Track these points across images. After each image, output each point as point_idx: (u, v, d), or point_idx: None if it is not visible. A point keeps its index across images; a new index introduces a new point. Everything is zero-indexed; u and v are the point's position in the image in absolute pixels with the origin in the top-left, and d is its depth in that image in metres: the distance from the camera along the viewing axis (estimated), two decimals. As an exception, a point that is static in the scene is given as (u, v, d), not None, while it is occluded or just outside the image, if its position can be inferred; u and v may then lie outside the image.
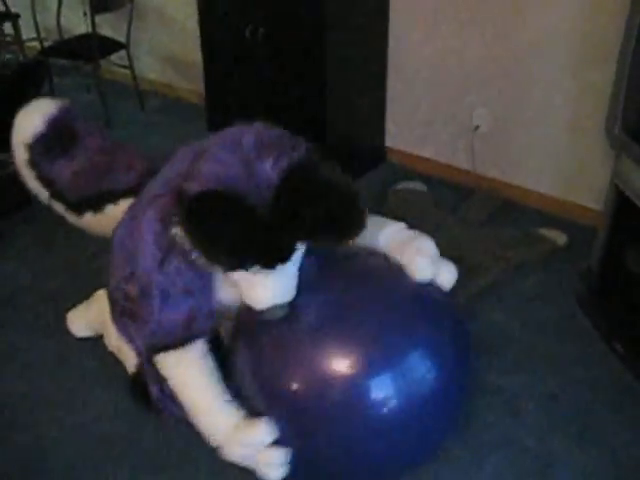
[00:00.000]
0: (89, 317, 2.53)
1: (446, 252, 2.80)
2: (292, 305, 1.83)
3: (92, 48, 4.35)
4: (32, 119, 2.32)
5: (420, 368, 1.80)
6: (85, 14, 4.80)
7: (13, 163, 2.40)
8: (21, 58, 5.04)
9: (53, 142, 2.31)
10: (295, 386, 1.79)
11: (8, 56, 5.47)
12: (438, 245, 2.04)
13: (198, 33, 3.78)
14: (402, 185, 3.45)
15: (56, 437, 2.19)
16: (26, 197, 2.62)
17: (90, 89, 5.06)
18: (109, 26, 4.78)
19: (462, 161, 3.56)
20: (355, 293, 1.86)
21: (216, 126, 3.64)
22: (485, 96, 3.33)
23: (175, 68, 4.88)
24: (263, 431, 1.81)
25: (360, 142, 3.69)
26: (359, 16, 3.33)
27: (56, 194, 2.33)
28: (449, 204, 3.33)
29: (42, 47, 4.79)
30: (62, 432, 2.20)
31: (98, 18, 4.32)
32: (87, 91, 5.07)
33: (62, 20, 4.87)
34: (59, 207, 2.35)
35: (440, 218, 3.16)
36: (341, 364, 1.74)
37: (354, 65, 3.41)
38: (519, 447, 2.09)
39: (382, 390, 1.75)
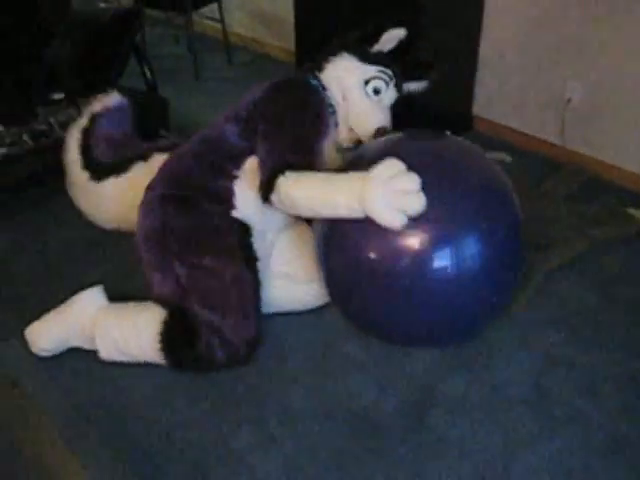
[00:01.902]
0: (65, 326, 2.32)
1: (528, 225, 2.78)
2: None
3: (186, 0, 4.39)
4: (108, 98, 2.80)
5: (479, 248, 1.96)
6: (180, -34, 4.85)
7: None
8: (115, 7, 5.13)
9: (109, 122, 2.75)
10: (374, 255, 1.97)
11: (102, 5, 5.58)
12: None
13: (291, -10, 3.78)
14: (487, 155, 3.38)
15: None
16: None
17: (179, 41, 5.13)
18: (202, -21, 4.81)
19: (550, 134, 3.48)
20: (433, 174, 1.97)
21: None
22: (579, 68, 3.23)
23: (265, 24, 4.89)
24: (393, 166, 1.90)
25: (447, 108, 3.64)
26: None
27: (87, 163, 2.61)
28: (534, 177, 3.27)
29: (136, -3, 4.87)
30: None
31: (193, -30, 4.36)
32: (176, 43, 5.14)
33: (157, -29, 4.92)
34: (82, 177, 2.59)
35: (524, 191, 3.10)
36: (413, 238, 1.92)
37: (448, 26, 3.35)
38: (591, 425, 2.06)
39: (445, 263, 1.93)
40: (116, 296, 2.45)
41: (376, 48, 2.42)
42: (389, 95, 2.44)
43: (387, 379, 2.22)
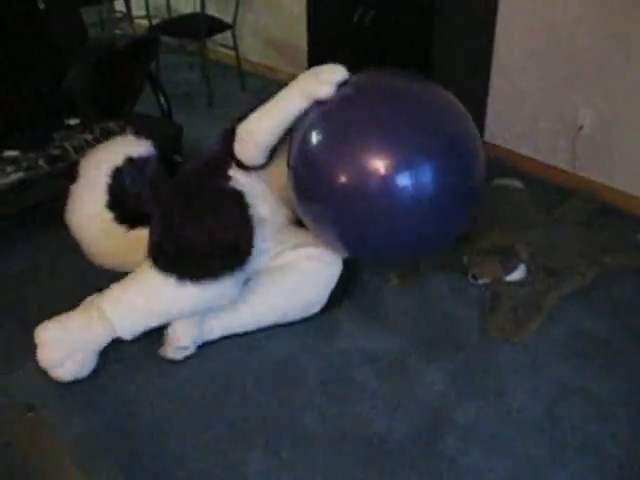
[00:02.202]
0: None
1: (540, 252, 2.79)
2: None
3: (199, 27, 4.45)
4: (142, 145, 2.73)
5: (442, 167, 2.26)
6: (194, -6, 4.93)
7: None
8: (131, 34, 5.21)
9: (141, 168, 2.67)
10: (345, 176, 2.25)
11: (117, 32, 5.67)
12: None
13: (304, 17, 3.81)
14: (499, 181, 3.40)
15: (146, 399, 2.27)
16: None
17: (193, 67, 5.19)
18: (215, 7, 4.89)
19: (562, 161, 3.49)
20: (395, 104, 2.32)
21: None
22: (592, 96, 3.25)
23: (278, 51, 4.94)
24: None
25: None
26: (468, 4, 3.30)
27: (115, 203, 2.58)
28: (545, 203, 3.28)
29: (150, 24, 4.94)
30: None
31: (207, -2, 4.42)
32: (190, 69, 5.20)
33: (172, -1, 5.01)
34: (107, 215, 2.57)
35: (536, 217, 3.12)
36: (379, 160, 2.21)
37: (460, 55, 3.38)
38: (604, 454, 2.05)
39: (410, 180, 2.22)
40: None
41: None
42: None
43: (398, 405, 2.22)
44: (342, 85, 2.37)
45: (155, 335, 2.53)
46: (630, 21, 2.99)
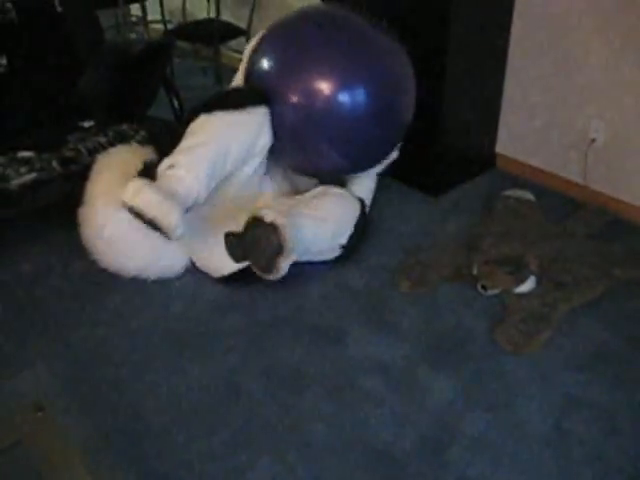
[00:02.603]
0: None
1: (550, 264, 2.79)
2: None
3: (214, 33, 4.47)
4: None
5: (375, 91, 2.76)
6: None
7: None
8: (146, 38, 5.24)
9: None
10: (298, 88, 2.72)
11: (133, 36, 5.69)
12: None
13: (318, 25, 3.82)
14: (510, 193, 3.40)
15: (155, 402, 2.27)
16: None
17: (207, 72, 5.21)
18: (230, 12, 4.90)
19: (573, 173, 3.49)
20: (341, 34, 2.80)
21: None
22: (605, 109, 3.25)
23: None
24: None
25: (471, 146, 3.66)
26: (484, 14, 3.30)
27: None
28: (557, 215, 3.28)
29: (165, 29, 4.97)
30: (161, 398, 2.29)
31: (221, 4, 4.44)
32: (204, 74, 5.22)
33: (187, 4, 5.03)
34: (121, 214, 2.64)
35: (546, 229, 3.11)
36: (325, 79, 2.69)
37: (474, 66, 3.38)
38: (612, 466, 2.04)
39: (350, 98, 2.71)
40: (141, 321, 2.47)
41: None
42: None
43: (406, 415, 2.22)
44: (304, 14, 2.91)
45: (164, 338, 2.55)
46: (645, 35, 2.99)
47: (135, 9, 5.72)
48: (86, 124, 3.24)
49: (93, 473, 2.01)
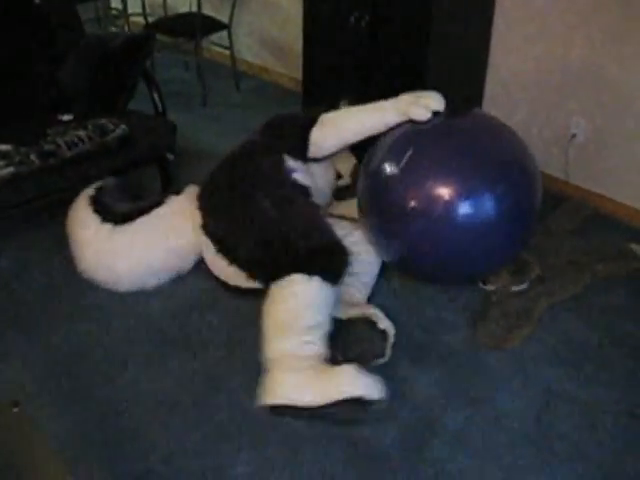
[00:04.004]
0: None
1: (531, 260, 2.79)
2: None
3: (195, 26, 4.44)
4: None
5: (498, 200, 2.40)
6: (191, -7, 4.92)
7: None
8: (127, 31, 5.20)
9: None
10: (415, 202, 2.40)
11: (113, 29, 5.65)
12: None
13: (300, 19, 3.80)
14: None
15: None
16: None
17: (188, 66, 5.18)
18: (212, 6, 4.88)
19: (554, 169, 3.50)
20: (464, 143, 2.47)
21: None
22: (585, 105, 3.26)
23: (273, 52, 4.94)
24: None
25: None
26: (466, 11, 3.30)
27: (107, 216, 2.69)
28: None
29: (146, 22, 4.93)
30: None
31: (203, -3, 4.42)
32: (185, 68, 5.19)
33: (168, -3, 5.00)
34: (105, 228, 2.64)
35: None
36: (445, 188, 2.36)
37: (455, 61, 3.38)
38: (592, 462, 2.05)
39: (472, 209, 2.38)
40: (121, 318, 2.45)
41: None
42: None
43: (387, 409, 2.20)
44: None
45: (143, 335, 2.53)
46: (624, 31, 3.00)
47: (115, 2, 5.67)
48: (65, 118, 3.21)
49: (70, 470, 1.99)
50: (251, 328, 2.53)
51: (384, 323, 2.39)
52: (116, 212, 2.71)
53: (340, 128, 2.66)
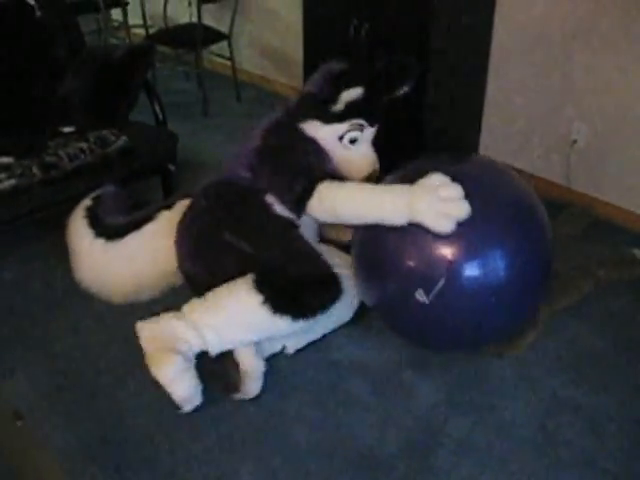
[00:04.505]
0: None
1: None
2: None
3: (196, 37, 4.46)
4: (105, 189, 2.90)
5: (506, 262, 2.13)
6: (190, 4, 4.94)
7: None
8: (127, 43, 5.21)
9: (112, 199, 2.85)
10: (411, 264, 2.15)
11: (114, 41, 5.67)
12: None
13: (300, 29, 3.81)
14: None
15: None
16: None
17: (189, 77, 5.19)
18: (212, 17, 4.89)
19: (556, 175, 3.50)
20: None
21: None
22: (586, 110, 3.26)
23: (274, 62, 4.95)
24: (438, 178, 2.12)
25: (454, 149, 3.66)
26: (466, 18, 3.30)
27: (100, 230, 2.63)
28: (540, 217, 3.28)
29: (147, 34, 4.94)
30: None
31: (202, 8, 4.42)
32: (186, 79, 5.20)
33: (168, 9, 5.01)
34: (97, 244, 2.59)
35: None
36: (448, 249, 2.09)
37: (456, 70, 3.38)
38: (598, 469, 2.04)
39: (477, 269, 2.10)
40: (123, 328, 2.45)
41: (340, 104, 2.48)
42: (367, 135, 2.58)
43: (391, 418, 2.20)
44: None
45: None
46: (624, 37, 3.00)
47: (116, 14, 5.69)
48: (67, 129, 3.20)
49: (74, 482, 1.99)
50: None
51: (247, 364, 2.27)
52: (109, 226, 2.66)
53: (338, 213, 2.29)
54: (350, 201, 2.26)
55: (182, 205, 2.62)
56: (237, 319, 2.21)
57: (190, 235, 2.45)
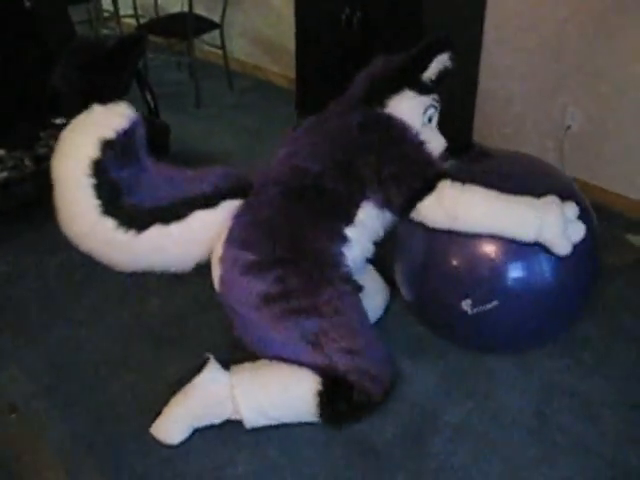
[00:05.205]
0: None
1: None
2: None
3: (187, 27, 4.43)
4: (117, 115, 2.08)
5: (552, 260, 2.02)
6: (182, -7, 4.90)
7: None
8: (118, 33, 5.18)
9: (126, 148, 2.05)
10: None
11: (105, 31, 5.64)
12: None
13: (293, 18, 3.80)
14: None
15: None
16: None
17: (181, 67, 5.17)
18: (203, 6, 4.86)
19: (550, 161, 3.46)
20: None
21: (305, 110, 3.68)
22: (580, 96, 3.25)
23: (266, 51, 4.92)
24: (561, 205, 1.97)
25: (447, 137, 3.65)
26: (457, 4, 3.30)
27: (112, 207, 1.98)
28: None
29: (138, 24, 4.91)
30: (139, 395, 2.27)
31: (195, -3, 4.40)
32: (178, 69, 5.18)
33: (159, -2, 4.98)
34: (107, 224, 1.98)
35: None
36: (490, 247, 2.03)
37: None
38: (592, 453, 2.04)
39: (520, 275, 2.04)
40: (118, 319, 2.44)
41: (427, 75, 2.25)
42: (436, 117, 2.41)
43: (387, 405, 2.20)
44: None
45: (140, 336, 2.52)
46: (617, 21, 2.99)
47: (107, 4, 5.66)
48: (59, 121, 3.19)
49: (71, 474, 1.99)
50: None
51: None
52: (122, 207, 1.99)
53: (459, 218, 2.01)
54: (477, 206, 1.98)
55: (228, 209, 2.12)
56: (286, 411, 2.10)
57: (252, 294, 2.05)
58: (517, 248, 2.01)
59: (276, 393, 2.07)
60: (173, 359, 2.41)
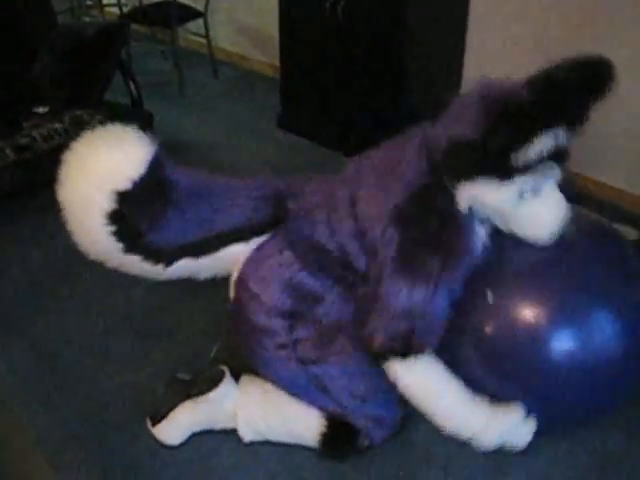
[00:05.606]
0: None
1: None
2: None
3: (171, 15, 4.40)
4: (133, 160, 1.81)
5: (607, 331, 1.79)
6: (165, -19, 4.86)
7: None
8: (101, 22, 5.14)
9: (145, 193, 1.83)
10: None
11: (87, 20, 5.59)
12: None
13: (277, 7, 3.78)
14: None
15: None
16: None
17: (165, 56, 5.13)
18: (188, -6, 4.83)
19: (535, 150, 3.50)
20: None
21: (289, 99, 3.67)
22: (564, 84, 3.26)
23: (251, 40, 4.90)
24: (518, 414, 1.83)
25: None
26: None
27: (136, 247, 1.88)
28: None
29: (121, 12, 4.87)
30: (124, 386, 2.26)
31: (178, -15, 4.37)
32: (163, 58, 5.14)
33: (142, -14, 4.94)
34: (133, 258, 1.90)
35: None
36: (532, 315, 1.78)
37: (432, 47, 3.37)
38: (576, 439, 2.06)
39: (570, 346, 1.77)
40: (102, 311, 2.43)
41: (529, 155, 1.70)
42: (555, 175, 1.91)
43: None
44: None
45: (125, 327, 2.51)
46: (600, 11, 3.00)
47: (90, -8, 5.61)
48: (41, 110, 3.16)
49: (56, 466, 1.98)
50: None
51: None
52: (147, 246, 1.89)
53: (411, 394, 1.89)
54: (423, 396, 1.89)
55: (256, 244, 1.99)
56: (286, 440, 2.07)
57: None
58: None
59: (279, 426, 2.04)
60: (158, 349, 2.40)
